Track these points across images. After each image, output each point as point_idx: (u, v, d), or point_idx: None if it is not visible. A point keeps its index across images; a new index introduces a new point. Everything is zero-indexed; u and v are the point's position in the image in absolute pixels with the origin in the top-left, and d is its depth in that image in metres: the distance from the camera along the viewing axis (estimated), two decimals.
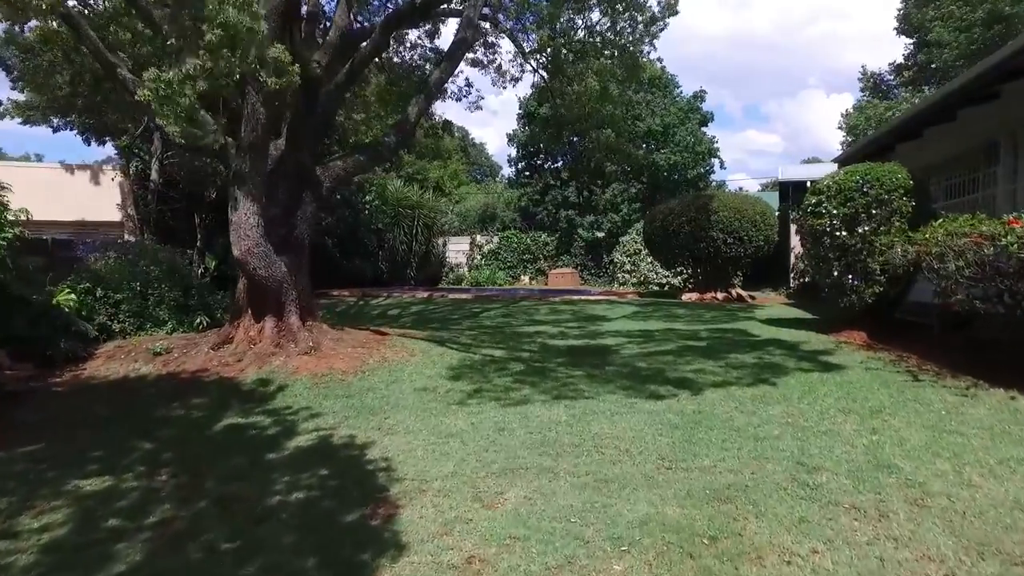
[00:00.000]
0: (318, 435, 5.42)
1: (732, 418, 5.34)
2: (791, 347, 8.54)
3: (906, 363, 7.25)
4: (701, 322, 11.53)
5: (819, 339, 9.18)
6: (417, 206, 22.98)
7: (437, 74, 9.78)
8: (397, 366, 7.74)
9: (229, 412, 6.21)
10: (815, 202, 9.73)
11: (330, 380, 7.18)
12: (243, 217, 7.87)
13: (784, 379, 6.67)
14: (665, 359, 7.96)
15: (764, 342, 9.07)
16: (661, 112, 23.59)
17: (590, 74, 13.66)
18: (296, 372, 7.44)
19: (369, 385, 6.97)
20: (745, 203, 15.98)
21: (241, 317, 8.81)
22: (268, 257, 8.17)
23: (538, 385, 6.76)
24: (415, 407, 6.13)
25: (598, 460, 4.45)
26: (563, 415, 5.62)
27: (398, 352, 8.40)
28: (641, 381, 6.79)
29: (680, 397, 6.10)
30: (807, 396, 5.96)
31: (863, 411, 5.38)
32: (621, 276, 22.04)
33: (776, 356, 7.90)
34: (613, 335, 10.15)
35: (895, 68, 30.15)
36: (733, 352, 8.29)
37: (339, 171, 9.30)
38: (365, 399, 6.46)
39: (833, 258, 9.52)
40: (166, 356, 8.10)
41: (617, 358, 8.15)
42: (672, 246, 16.23)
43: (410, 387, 6.88)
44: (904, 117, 11.64)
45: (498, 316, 13.07)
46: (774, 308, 14.08)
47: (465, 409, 5.98)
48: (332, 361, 7.79)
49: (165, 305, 10.91)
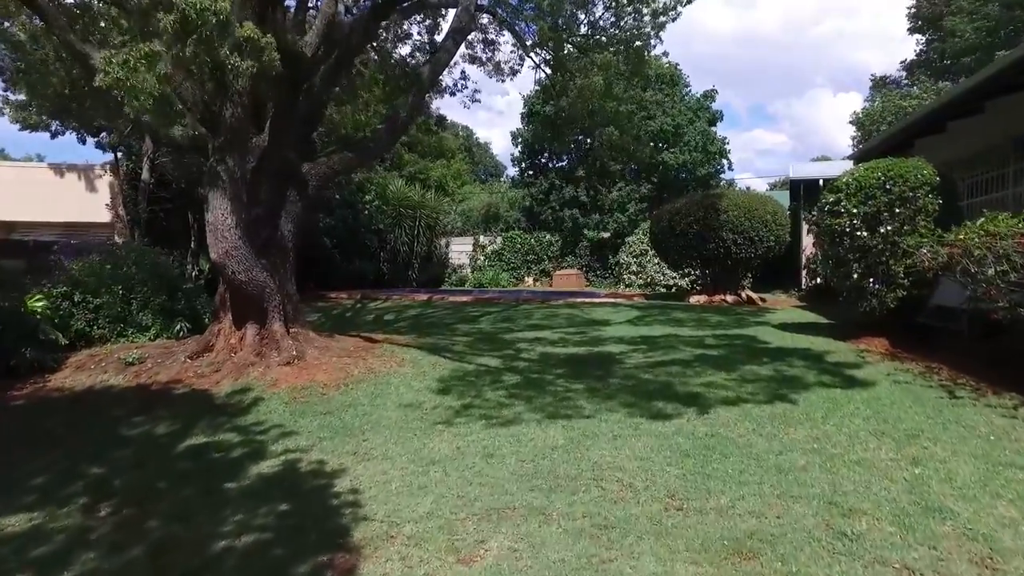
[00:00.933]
0: (286, 460, 4.82)
1: (750, 443, 4.69)
2: (809, 357, 7.87)
3: (937, 375, 6.58)
4: (710, 327, 10.87)
5: (838, 347, 8.50)
6: (419, 206, 22.37)
7: (430, 67, 9.17)
8: (384, 378, 7.13)
9: (195, 430, 5.62)
10: (833, 200, 9.07)
11: (310, 394, 6.58)
12: (220, 217, 7.29)
13: (805, 395, 6.01)
14: (672, 370, 7.31)
15: (779, 351, 8.41)
16: (672, 111, 22.88)
17: (594, 69, 13.01)
18: (275, 384, 6.85)
19: (351, 400, 6.37)
20: (756, 202, 15.27)
21: (221, 324, 8.24)
22: (248, 260, 7.59)
23: (533, 401, 6.13)
24: (397, 427, 5.52)
25: (597, 498, 3.82)
26: (560, 438, 4.99)
27: (387, 362, 7.79)
28: (646, 397, 6.15)
29: (690, 416, 5.46)
30: (832, 416, 5.31)
31: (898, 435, 4.72)
32: (627, 277, 21.35)
33: (794, 367, 7.24)
34: (616, 342, 9.51)
35: (907, 66, 29.32)
36: (746, 362, 7.63)
37: (327, 169, 8.70)
38: (344, 416, 5.85)
39: (852, 260, 8.86)
40: (139, 366, 7.53)
41: (620, 369, 7.52)
42: (679, 247, 15.55)
43: (394, 402, 6.27)
44: (926, 110, 10.94)
45: (497, 321, 12.44)
46: (786, 312, 13.39)
47: (451, 430, 5.36)
48: (315, 372, 7.20)
49: (149, 309, 10.35)
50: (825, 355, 7.96)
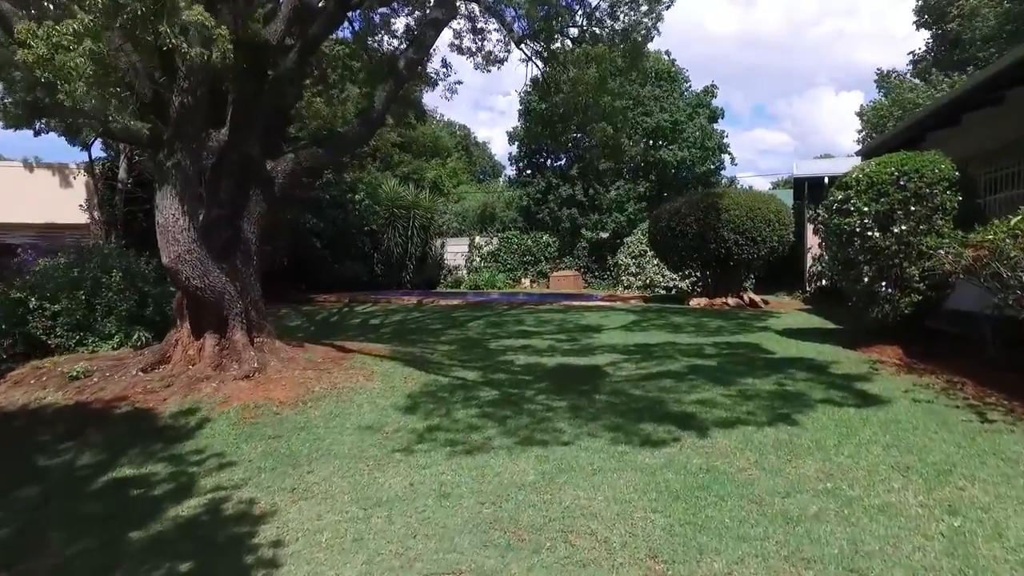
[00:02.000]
0: (212, 499, 4.11)
1: (751, 480, 3.96)
2: (816, 368, 7.13)
3: (962, 392, 5.83)
4: (709, 334, 10.13)
5: (847, 357, 7.76)
6: (413, 206, 21.67)
7: (408, 56, 8.46)
8: (347, 394, 6.42)
9: (124, 459, 4.92)
10: (842, 198, 8.33)
11: (262, 413, 5.87)
12: (170, 218, 6.59)
13: (813, 416, 5.27)
14: (665, 384, 6.58)
15: (783, 361, 7.67)
16: (670, 107, 22.11)
17: (588, 62, 12.28)
18: (226, 402, 6.14)
19: (305, 421, 5.66)
20: (758, 201, 14.52)
21: (179, 333, 7.55)
22: (204, 265, 6.89)
23: (508, 422, 5.41)
24: (349, 455, 4.81)
25: (563, 559, 3.10)
26: (530, 472, 4.27)
27: (354, 375, 7.08)
28: (635, 417, 5.42)
29: (682, 443, 4.73)
30: (846, 443, 4.57)
31: (926, 470, 3.98)
32: (626, 279, 20.61)
33: (800, 381, 6.50)
34: (608, 350, 8.79)
35: (913, 61, 28.44)
36: (747, 375, 6.90)
37: (294, 166, 8.00)
38: (293, 442, 5.14)
39: (863, 262, 8.12)
40: (83, 381, 6.82)
41: (609, 383, 6.79)
42: (679, 248, 14.80)
43: (353, 424, 5.56)
44: (940, 102, 10.18)
45: (485, 326, 11.73)
46: (790, 315, 12.64)
47: (410, 459, 4.65)
48: (272, 388, 6.49)
49: (114, 316, 9.67)
50: (833, 366, 7.22)
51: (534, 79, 14.01)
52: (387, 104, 8.48)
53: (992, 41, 23.07)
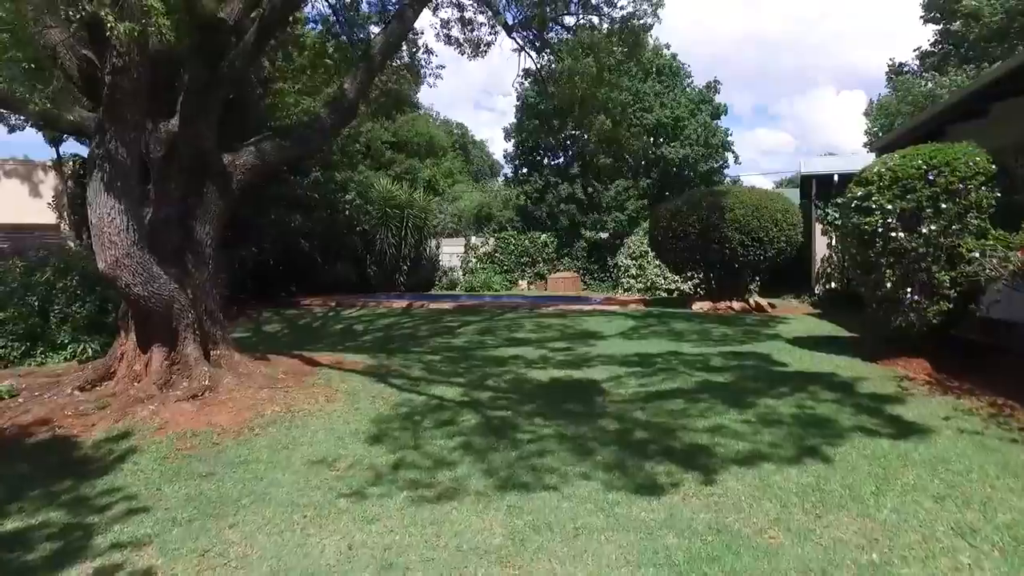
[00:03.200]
0: (100, 566, 3.26)
1: (774, 550, 3.10)
2: (837, 386, 6.27)
3: (1014, 420, 4.96)
4: (715, 342, 9.27)
5: (870, 372, 6.90)
6: (406, 205, 20.81)
7: (382, 39, 7.60)
8: (303, 418, 5.58)
9: (20, 503, 4.08)
10: (862, 195, 7.46)
11: (200, 443, 5.03)
12: (105, 218, 5.75)
13: (842, 450, 4.42)
14: (671, 406, 5.73)
15: (800, 377, 6.81)
16: (671, 103, 21.21)
17: (584, 50, 11.43)
18: (163, 428, 5.30)
19: (246, 454, 4.81)
20: (764, 199, 13.63)
21: (125, 345, 6.71)
22: (148, 270, 6.05)
23: (485, 458, 4.56)
24: (287, 501, 3.96)
25: None
26: (498, 531, 3.42)
27: (316, 395, 6.24)
28: (634, 451, 4.57)
29: (689, 488, 3.88)
30: (887, 491, 3.71)
31: (999, 537, 3.12)
32: (626, 281, 19.74)
33: (822, 403, 5.64)
34: (606, 362, 7.94)
35: (920, 55, 27.48)
36: (761, 394, 6.04)
37: (254, 160, 7.15)
38: (225, 482, 4.30)
39: (885, 265, 7.25)
40: (7, 401, 5.99)
41: (607, 402, 5.94)
42: (681, 249, 13.92)
43: (302, 457, 4.71)
44: (966, 91, 9.29)
45: (475, 332, 10.88)
46: (800, 321, 11.77)
47: (356, 510, 3.80)
48: (218, 411, 5.65)
49: (70, 324, 8.87)
50: (857, 384, 6.35)
51: (527, 71, 13.17)
52: (360, 91, 7.64)
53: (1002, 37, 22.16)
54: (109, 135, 5.66)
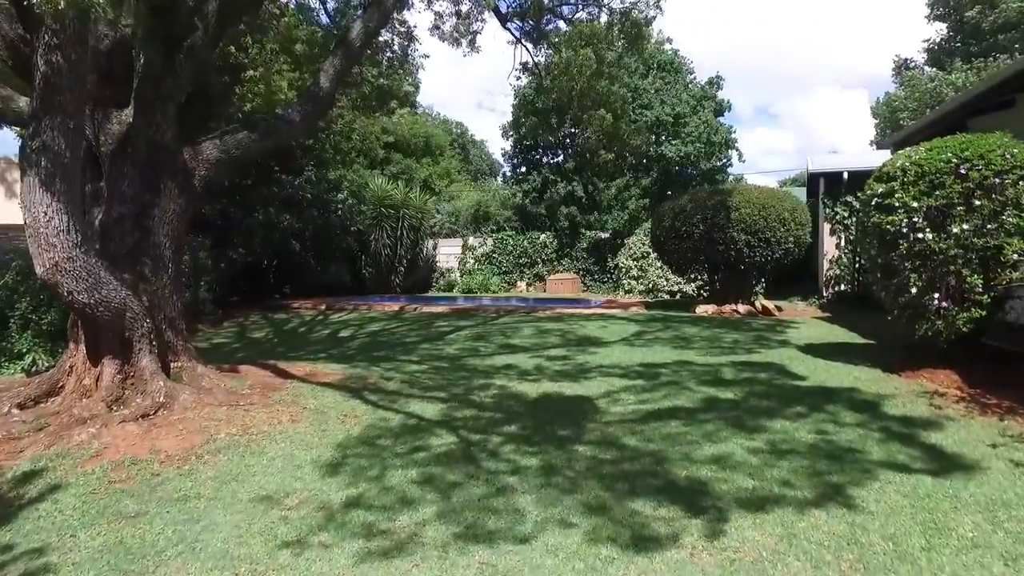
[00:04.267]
0: None
1: None
2: (861, 405, 5.59)
3: None
4: (722, 350, 8.59)
5: (895, 386, 6.22)
6: (402, 205, 20.16)
7: (360, 26, 6.94)
8: (260, 442, 4.92)
9: None
10: (883, 191, 6.79)
11: (137, 474, 4.38)
12: (42, 218, 5.09)
13: (876, 488, 3.74)
14: (671, 429, 5.05)
15: (816, 392, 6.13)
16: (672, 100, 20.47)
17: (582, 41, 10.75)
18: (99, 455, 4.65)
19: (187, 487, 4.15)
20: (771, 198, 12.93)
21: (74, 357, 6.07)
22: (93, 275, 5.40)
23: (453, 496, 3.89)
24: (219, 553, 3.30)
25: None
26: None
27: (280, 414, 5.58)
28: (627, 488, 3.90)
29: (695, 539, 3.21)
30: (941, 546, 3.03)
31: None
32: (627, 283, 19.03)
33: (845, 426, 4.96)
34: (604, 373, 7.28)
35: (928, 51, 26.67)
36: (775, 414, 5.37)
37: (218, 154, 6.51)
38: (154, 525, 3.64)
39: (909, 269, 6.58)
40: None
41: (599, 425, 5.27)
42: (684, 250, 13.25)
43: (250, 492, 4.05)
44: (992, 81, 8.60)
45: (466, 339, 10.22)
46: (810, 326, 11.08)
47: (296, 565, 3.14)
48: (166, 434, 4.99)
49: (31, 332, 8.26)
50: (882, 402, 5.67)
51: (524, 65, 12.50)
52: (335, 81, 6.98)
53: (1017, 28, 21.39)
54: (45, 124, 4.99)
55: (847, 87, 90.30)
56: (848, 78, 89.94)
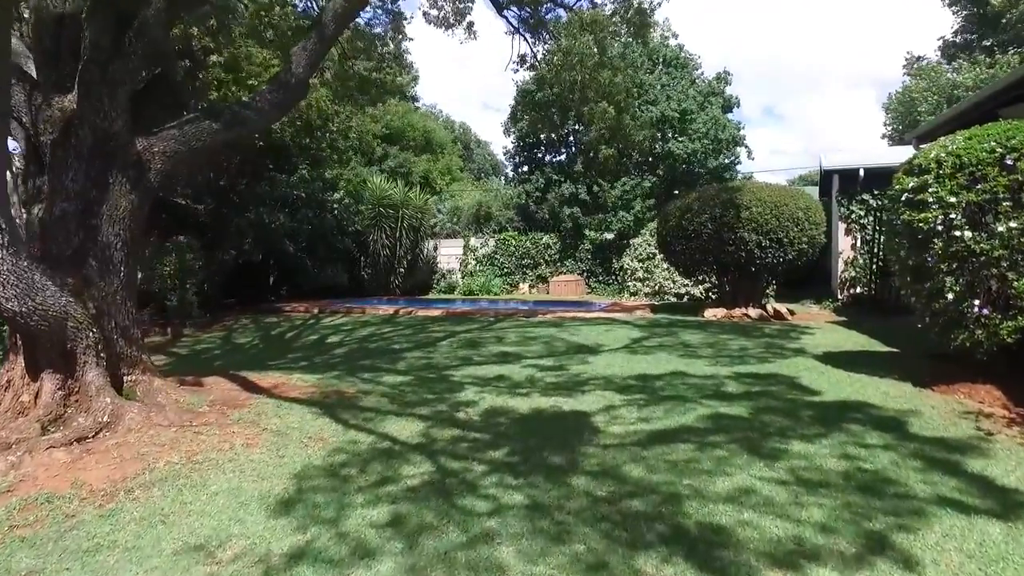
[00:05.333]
0: None
1: None
2: (893, 425, 4.87)
3: None
4: (732, 359, 7.88)
5: (929, 403, 5.50)
6: (401, 204, 19.50)
7: (333, 4, 6.27)
8: (203, 472, 4.25)
9: None
10: (914, 186, 6.07)
11: (48, 515, 3.71)
12: None
13: (930, 540, 3.04)
14: (677, 456, 4.35)
15: (840, 408, 5.42)
16: (678, 95, 19.71)
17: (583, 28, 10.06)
18: (12, 490, 3.99)
19: (104, 533, 3.49)
20: (784, 196, 12.19)
21: (11, 371, 5.43)
22: (25, 281, 4.77)
23: (417, 546, 3.21)
24: None
25: None
26: None
27: (236, 435, 4.91)
28: (628, 539, 3.20)
29: None
30: None
31: None
32: (632, 284, 18.30)
33: (876, 451, 4.24)
34: (602, 385, 6.59)
35: (943, 45, 25.80)
36: (794, 435, 4.66)
37: (176, 145, 5.85)
38: None
39: (945, 272, 5.84)
40: None
41: (595, 450, 4.57)
42: (691, 250, 12.52)
43: (176, 540, 3.38)
44: None
45: (459, 346, 9.54)
46: (826, 332, 10.34)
47: None
48: (96, 463, 4.34)
49: None
50: (916, 421, 4.96)
51: (522, 56, 11.81)
52: (310, 65, 6.32)
53: None
54: None
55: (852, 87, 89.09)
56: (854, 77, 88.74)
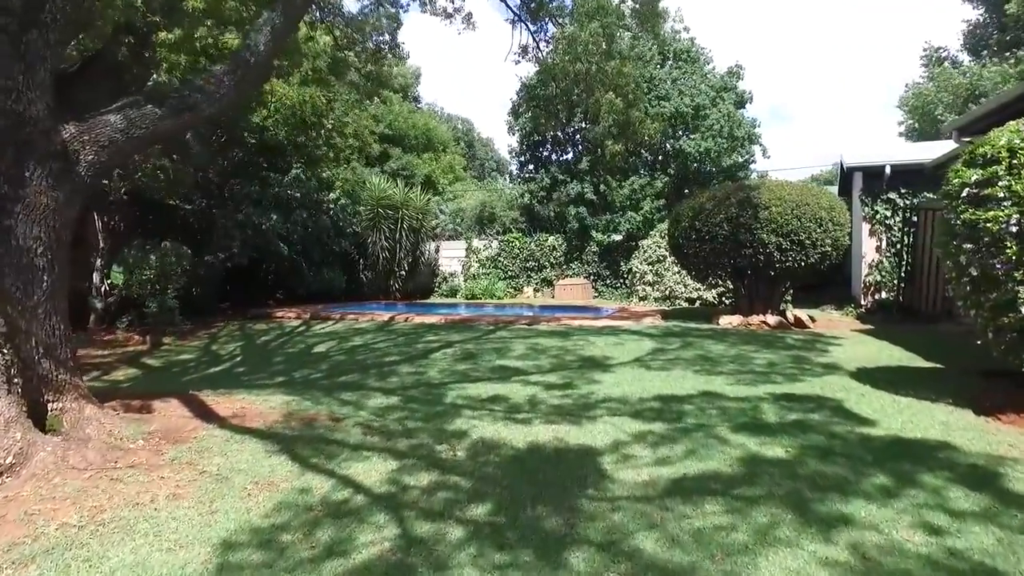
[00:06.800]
0: None
1: None
2: (970, 474, 3.89)
3: None
4: (756, 377, 6.91)
5: (1008, 442, 4.52)
6: (401, 205, 18.63)
7: None
8: (104, 539, 3.33)
9: None
10: (977, 180, 5.10)
11: None
12: None
13: None
14: (705, 519, 3.40)
15: (897, 448, 4.44)
16: (690, 91, 18.69)
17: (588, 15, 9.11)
18: None
19: None
20: (806, 195, 11.20)
21: None
22: None
23: None
24: None
25: None
26: None
27: (165, 482, 4.00)
28: None
29: None
30: None
31: None
32: (641, 288, 17.33)
33: (968, 520, 3.27)
34: (613, 411, 5.65)
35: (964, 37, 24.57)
36: (852, 491, 3.69)
37: (113, 133, 4.96)
38: None
39: (1019, 280, 4.87)
40: None
41: (601, 506, 3.62)
42: (705, 253, 11.56)
43: None
44: None
45: (455, 359, 8.61)
46: (855, 343, 9.34)
47: None
48: None
49: None
50: (1000, 469, 3.97)
51: (524, 47, 10.88)
52: (272, 43, 5.41)
53: None
54: None
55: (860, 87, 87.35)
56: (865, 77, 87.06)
